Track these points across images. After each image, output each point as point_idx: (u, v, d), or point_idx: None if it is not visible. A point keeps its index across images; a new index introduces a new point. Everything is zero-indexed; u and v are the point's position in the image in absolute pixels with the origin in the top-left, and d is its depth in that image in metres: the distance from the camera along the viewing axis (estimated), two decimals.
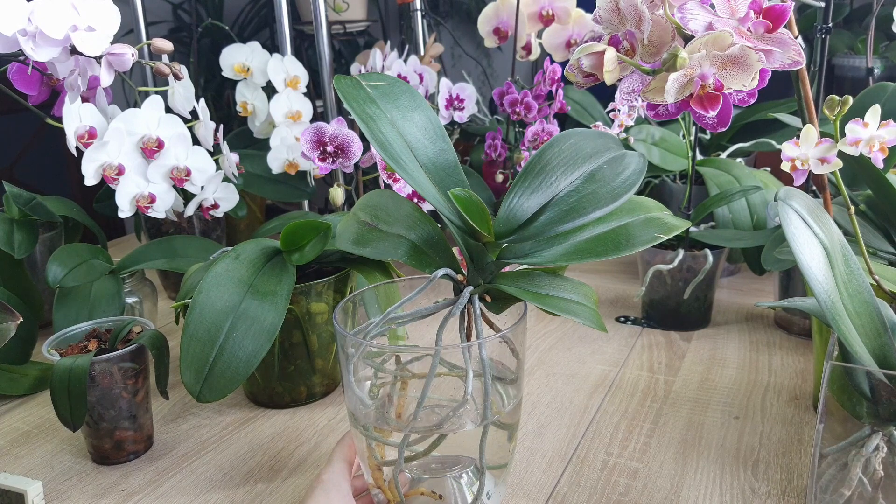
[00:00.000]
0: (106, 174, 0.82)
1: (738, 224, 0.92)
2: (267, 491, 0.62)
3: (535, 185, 0.51)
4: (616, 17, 0.48)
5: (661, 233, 0.52)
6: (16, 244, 0.85)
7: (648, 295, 0.91)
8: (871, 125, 0.59)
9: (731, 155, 1.10)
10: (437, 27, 1.76)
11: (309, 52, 1.88)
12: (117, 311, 0.82)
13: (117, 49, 0.74)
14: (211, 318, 0.66)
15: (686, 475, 0.62)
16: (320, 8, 1.09)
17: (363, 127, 0.49)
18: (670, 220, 0.55)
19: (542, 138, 1.04)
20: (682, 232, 0.79)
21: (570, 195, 0.51)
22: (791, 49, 0.45)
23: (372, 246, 0.55)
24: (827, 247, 0.51)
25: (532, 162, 0.53)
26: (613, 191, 0.50)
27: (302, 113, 1.05)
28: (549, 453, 0.66)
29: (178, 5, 2.06)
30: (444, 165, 0.53)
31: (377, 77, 0.53)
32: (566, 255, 0.51)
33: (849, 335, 0.49)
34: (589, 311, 0.50)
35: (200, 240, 0.93)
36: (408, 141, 0.52)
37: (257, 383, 0.76)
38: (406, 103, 0.53)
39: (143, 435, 0.68)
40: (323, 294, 0.73)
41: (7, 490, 0.57)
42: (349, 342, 0.51)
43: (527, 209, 0.51)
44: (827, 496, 0.51)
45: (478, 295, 0.51)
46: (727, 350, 0.85)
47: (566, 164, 0.52)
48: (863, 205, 0.78)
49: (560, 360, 0.84)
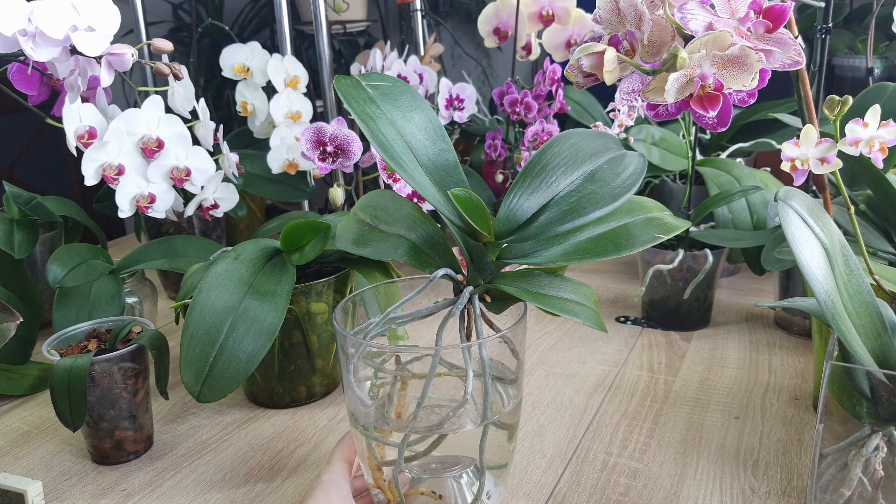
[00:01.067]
0: (106, 174, 0.82)
1: (738, 224, 0.92)
2: (267, 491, 0.62)
3: (535, 185, 0.51)
4: (616, 17, 0.48)
5: (661, 233, 0.52)
6: (16, 244, 0.85)
7: (648, 295, 0.91)
8: (871, 125, 0.59)
9: (731, 155, 1.10)
10: (437, 27, 1.76)
11: (309, 52, 1.88)
12: (117, 311, 0.82)
13: (117, 49, 0.74)
14: (211, 318, 0.66)
15: (686, 475, 0.62)
16: (320, 8, 1.09)
17: (363, 127, 0.49)
18: (670, 221, 0.55)
19: (542, 138, 1.04)
20: (682, 232, 0.79)
21: (570, 195, 0.51)
22: (791, 49, 0.45)
23: (372, 246, 0.55)
24: (827, 247, 0.51)
25: (532, 162, 0.53)
26: (613, 191, 0.50)
27: (302, 113, 1.05)
28: (549, 453, 0.66)
29: (178, 5, 2.06)
30: (444, 165, 0.53)
31: (377, 77, 0.53)
32: (566, 255, 0.51)
33: (849, 335, 0.49)
34: (589, 311, 0.50)
35: (200, 240, 0.93)
36: (408, 141, 0.52)
37: (257, 383, 0.76)
38: (406, 103, 0.53)
39: (143, 435, 0.68)
40: (323, 294, 0.73)
41: (7, 490, 0.57)
42: (349, 342, 0.51)
43: (527, 209, 0.51)
44: (827, 496, 0.51)
45: (478, 295, 0.52)
46: (727, 350, 0.85)
47: (566, 164, 0.52)
48: (863, 205, 0.78)
49: (560, 360, 0.84)
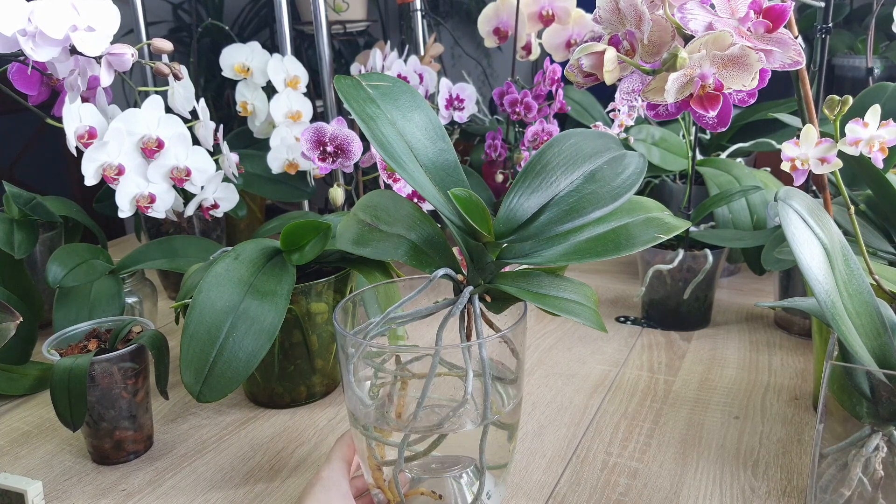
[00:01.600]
0: (106, 174, 0.82)
1: (738, 224, 0.92)
2: (267, 491, 0.62)
3: (535, 185, 0.51)
4: (616, 17, 0.48)
5: (661, 233, 0.52)
6: (16, 244, 0.85)
7: (648, 295, 0.91)
8: (871, 125, 0.59)
9: (731, 155, 1.10)
10: (437, 27, 1.76)
11: (309, 52, 1.88)
12: (117, 311, 0.82)
13: (117, 49, 0.74)
14: (211, 318, 0.66)
15: (686, 475, 0.62)
16: (320, 8, 1.09)
17: (363, 127, 0.49)
18: (670, 221, 0.55)
19: (542, 138, 1.04)
20: (682, 232, 0.79)
21: (571, 195, 0.51)
22: (791, 49, 0.45)
23: (372, 246, 0.55)
24: (827, 247, 0.51)
25: (532, 162, 0.53)
26: (613, 191, 0.50)
27: (302, 113, 1.05)
28: (549, 453, 0.66)
29: (178, 5, 2.06)
30: (444, 165, 0.53)
31: (377, 77, 0.53)
32: (566, 255, 0.51)
33: (849, 335, 0.49)
34: (589, 311, 0.50)
35: (200, 240, 0.93)
36: (408, 141, 0.52)
37: (257, 383, 0.76)
38: (406, 103, 0.53)
39: (143, 435, 0.68)
40: (323, 294, 0.73)
41: (7, 490, 0.57)
42: (349, 342, 0.51)
43: (527, 209, 0.51)
44: (827, 496, 0.51)
45: (478, 295, 0.52)
46: (727, 350, 0.85)
47: (566, 164, 0.52)
48: (863, 205, 0.78)
49: (560, 360, 0.84)
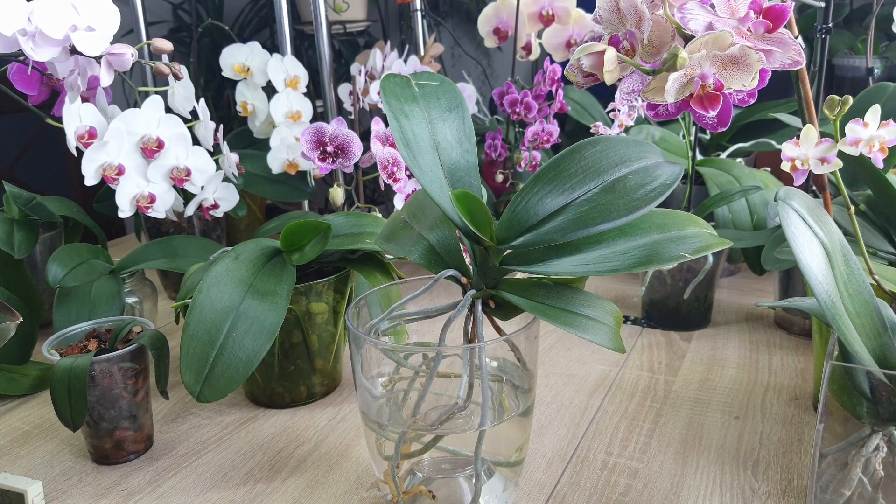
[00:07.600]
0: (106, 174, 0.82)
1: (738, 224, 0.92)
2: (267, 491, 0.62)
3: (544, 192, 0.49)
4: (616, 17, 0.48)
5: (689, 252, 0.47)
6: (16, 244, 0.84)
7: (648, 295, 0.91)
8: (871, 125, 0.59)
9: (731, 155, 1.10)
10: (437, 27, 1.76)
11: (309, 52, 1.88)
12: (117, 311, 0.82)
13: (117, 49, 0.74)
14: (211, 318, 0.66)
15: (686, 475, 0.62)
16: (320, 8, 1.09)
17: (393, 123, 0.49)
18: (704, 240, 0.49)
19: (542, 138, 1.04)
20: None
21: (582, 205, 0.48)
22: (791, 49, 0.45)
23: (395, 242, 0.55)
24: (827, 247, 0.51)
25: (546, 168, 0.50)
26: (631, 202, 0.46)
27: (302, 113, 1.05)
28: (549, 453, 0.66)
29: (178, 5, 2.06)
30: (464, 167, 0.52)
31: (427, 76, 0.54)
32: (575, 266, 0.48)
33: (849, 335, 0.49)
34: (605, 328, 0.47)
35: (200, 240, 0.93)
36: (437, 140, 0.51)
37: (257, 383, 0.76)
38: (447, 102, 0.53)
39: (143, 435, 0.68)
40: (323, 294, 0.73)
41: (7, 490, 0.57)
42: (363, 341, 0.51)
43: (532, 216, 0.49)
44: (827, 496, 0.51)
45: (481, 299, 0.51)
46: (727, 350, 0.85)
47: (585, 171, 0.49)
48: (863, 205, 0.78)
49: (560, 360, 0.84)
